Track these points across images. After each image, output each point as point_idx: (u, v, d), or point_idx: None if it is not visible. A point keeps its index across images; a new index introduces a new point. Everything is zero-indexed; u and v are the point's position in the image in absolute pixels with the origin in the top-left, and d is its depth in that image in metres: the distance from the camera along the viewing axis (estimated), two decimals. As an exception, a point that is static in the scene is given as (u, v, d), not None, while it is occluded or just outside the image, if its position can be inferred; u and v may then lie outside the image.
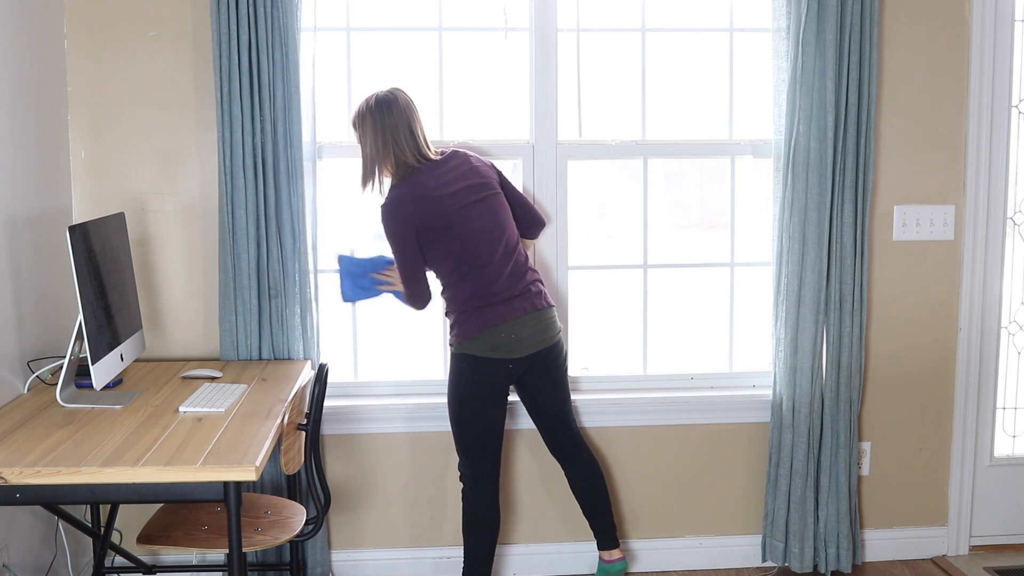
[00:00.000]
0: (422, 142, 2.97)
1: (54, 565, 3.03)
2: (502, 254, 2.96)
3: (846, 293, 3.33)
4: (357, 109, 3.00)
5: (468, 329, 2.94)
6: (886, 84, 3.39)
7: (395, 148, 2.93)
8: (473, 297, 2.94)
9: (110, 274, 2.76)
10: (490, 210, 2.97)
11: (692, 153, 3.54)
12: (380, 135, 2.93)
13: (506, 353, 2.94)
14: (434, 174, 2.94)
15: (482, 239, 2.94)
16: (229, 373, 3.04)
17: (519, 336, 2.94)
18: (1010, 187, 3.52)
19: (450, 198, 2.92)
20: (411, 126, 2.95)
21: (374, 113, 2.94)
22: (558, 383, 3.10)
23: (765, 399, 3.48)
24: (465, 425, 3.03)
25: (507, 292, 2.94)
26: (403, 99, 2.97)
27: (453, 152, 3.03)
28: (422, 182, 2.93)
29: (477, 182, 2.97)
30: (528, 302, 2.96)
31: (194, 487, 2.23)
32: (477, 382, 2.98)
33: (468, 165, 3.00)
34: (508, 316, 2.92)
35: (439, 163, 2.97)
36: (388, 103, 2.94)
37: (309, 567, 3.30)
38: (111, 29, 3.17)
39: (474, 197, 2.95)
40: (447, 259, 2.94)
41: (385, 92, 2.98)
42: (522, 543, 3.49)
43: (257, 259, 3.16)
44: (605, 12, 3.43)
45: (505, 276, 2.95)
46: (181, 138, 3.23)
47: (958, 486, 3.60)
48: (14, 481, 2.17)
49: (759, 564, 3.57)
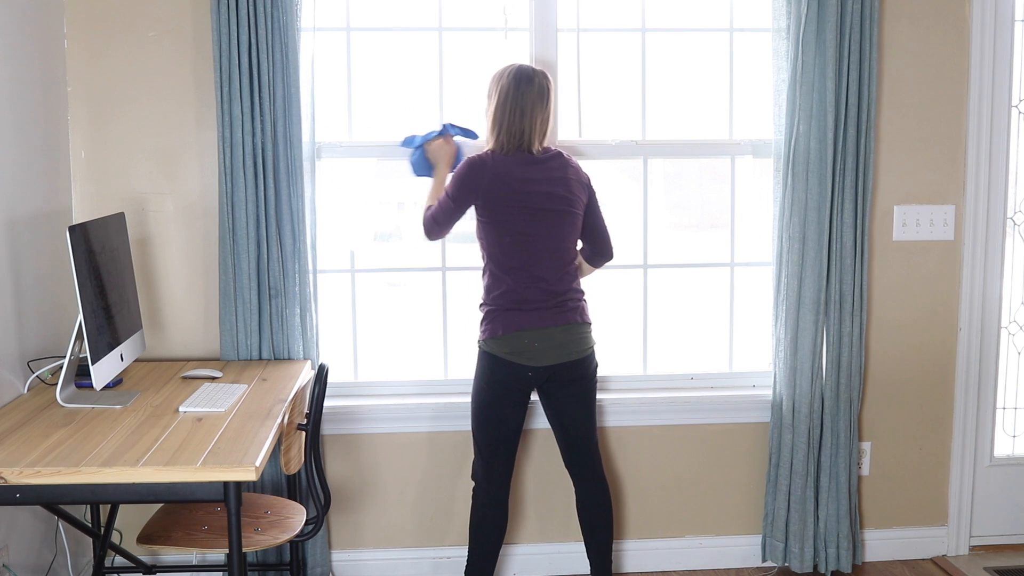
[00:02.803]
0: (536, 133, 2.93)
1: (54, 565, 3.03)
2: (550, 266, 2.94)
3: (846, 293, 3.33)
4: (498, 71, 2.96)
5: (495, 329, 2.93)
6: (886, 84, 3.39)
7: (508, 123, 2.91)
8: (507, 296, 2.93)
9: (110, 274, 2.76)
10: (557, 223, 2.94)
11: (692, 153, 3.54)
12: (503, 106, 2.91)
13: (526, 360, 2.92)
14: (528, 167, 2.92)
15: (535, 245, 2.92)
16: (229, 373, 3.04)
17: (542, 346, 2.92)
18: (1010, 187, 3.52)
19: (526, 195, 2.90)
20: (534, 112, 2.91)
21: (509, 82, 2.91)
22: (582, 399, 3.05)
23: (765, 399, 3.48)
24: (481, 423, 3.02)
25: (541, 302, 2.92)
26: (540, 84, 2.93)
27: (557, 153, 3.00)
28: (510, 167, 2.91)
29: (561, 193, 2.94)
30: (560, 315, 2.94)
31: (194, 487, 2.23)
32: (496, 382, 2.98)
33: (562, 174, 2.96)
34: (536, 324, 2.91)
35: (537, 159, 2.94)
36: (528, 80, 2.91)
37: (309, 567, 3.30)
38: (111, 29, 3.17)
39: (548, 206, 2.92)
40: (497, 245, 2.93)
41: (531, 69, 2.95)
42: (522, 543, 3.49)
43: (257, 259, 3.16)
44: (605, 12, 3.43)
45: (544, 287, 2.93)
46: (181, 138, 3.23)
47: (958, 486, 3.60)
48: (14, 481, 2.17)
49: (759, 564, 3.57)
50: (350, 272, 3.46)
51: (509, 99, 2.90)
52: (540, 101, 2.92)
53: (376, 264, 3.61)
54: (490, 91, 2.97)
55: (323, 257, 3.35)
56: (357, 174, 3.51)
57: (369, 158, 3.43)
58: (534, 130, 2.93)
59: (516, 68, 2.94)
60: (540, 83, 2.93)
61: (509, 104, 2.90)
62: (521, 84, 2.90)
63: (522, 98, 2.90)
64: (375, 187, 3.59)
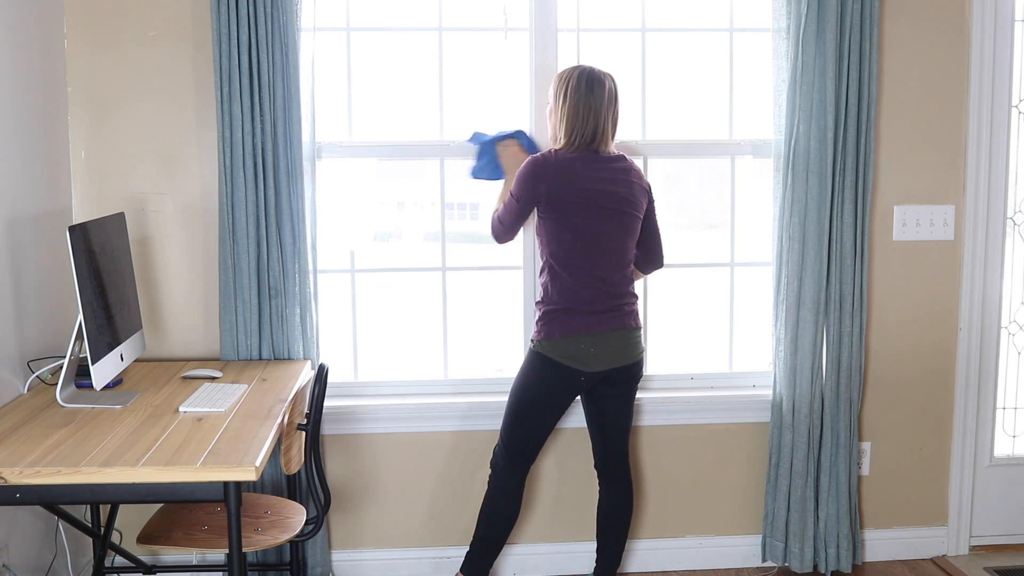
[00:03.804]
0: (606, 134, 2.95)
1: (54, 565, 3.03)
2: (608, 266, 2.94)
3: (846, 293, 3.33)
4: (566, 72, 2.97)
5: (551, 330, 2.93)
6: (886, 84, 3.39)
7: (583, 124, 2.92)
8: (564, 296, 2.92)
9: (110, 274, 2.76)
10: (618, 224, 2.95)
11: (692, 153, 3.54)
12: (575, 107, 2.92)
13: (581, 364, 2.92)
14: (592, 165, 2.92)
15: (596, 243, 2.92)
16: (229, 373, 3.04)
17: (599, 351, 2.92)
18: (1010, 187, 3.52)
19: (590, 192, 2.90)
20: (602, 114, 2.93)
21: (579, 84, 2.92)
22: (626, 400, 3.08)
23: (765, 399, 3.48)
24: (520, 420, 3.02)
25: (597, 304, 2.92)
26: (610, 88, 2.96)
27: (621, 156, 3.01)
28: (576, 165, 2.91)
29: (624, 194, 2.95)
30: (617, 320, 2.95)
31: (194, 487, 2.23)
32: (546, 384, 2.98)
33: (626, 176, 2.97)
34: (594, 329, 2.91)
35: (601, 158, 2.95)
36: (600, 83, 2.93)
37: (309, 567, 3.31)
38: (111, 29, 3.17)
39: (611, 205, 2.92)
40: (557, 242, 2.93)
41: (597, 70, 2.96)
42: (522, 543, 3.49)
43: (257, 259, 3.16)
44: (605, 12, 3.43)
45: (602, 288, 2.93)
46: (181, 138, 3.23)
47: (958, 486, 3.60)
48: (14, 481, 2.17)
49: (759, 564, 3.57)
50: (350, 272, 3.46)
51: (582, 101, 2.91)
52: (612, 103, 2.96)
53: (376, 264, 3.61)
54: (558, 92, 2.98)
55: (323, 257, 3.35)
56: (357, 174, 3.51)
57: (369, 158, 3.43)
58: (606, 131, 2.95)
59: (586, 71, 2.95)
60: (610, 86, 2.97)
61: (582, 105, 2.91)
62: (594, 87, 2.93)
63: (596, 100, 2.92)
64: (375, 187, 3.59)
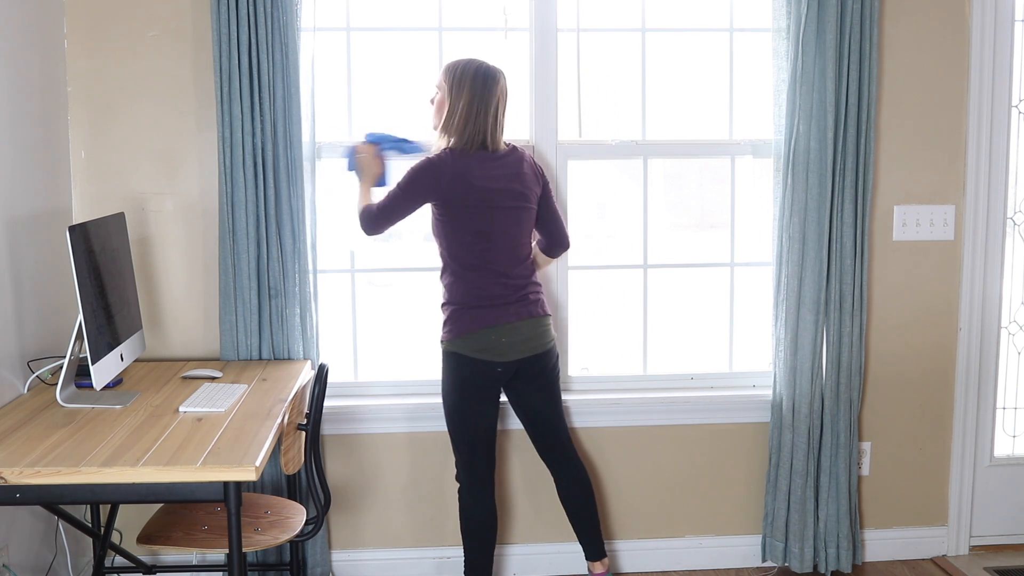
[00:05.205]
0: (499, 132, 2.96)
1: (54, 565, 3.03)
2: (510, 262, 2.97)
3: (846, 293, 3.33)
4: (460, 66, 2.94)
5: (460, 328, 2.94)
6: (886, 84, 3.39)
7: (475, 122, 2.91)
8: (471, 295, 2.94)
9: (110, 274, 2.76)
10: (515, 219, 2.97)
11: (692, 153, 3.54)
12: (470, 104, 2.90)
13: (495, 356, 2.94)
14: (486, 165, 2.92)
15: (496, 243, 2.94)
16: (229, 373, 3.04)
17: (510, 340, 2.94)
18: (1010, 187, 3.52)
19: (486, 192, 2.90)
20: (498, 112, 2.94)
21: (475, 81, 2.91)
22: (548, 389, 3.09)
23: (765, 399, 3.47)
24: (457, 424, 3.03)
25: (504, 298, 2.95)
26: (503, 84, 2.96)
27: (512, 148, 3.02)
28: (471, 167, 2.90)
29: (518, 190, 2.96)
30: (524, 309, 2.97)
31: (194, 487, 2.23)
32: (466, 381, 2.98)
33: (518, 168, 2.98)
34: (502, 320, 2.93)
35: (495, 156, 2.95)
36: (494, 79, 2.93)
37: (309, 567, 3.31)
38: (111, 29, 3.17)
39: (507, 203, 2.94)
40: (458, 244, 2.94)
41: (491, 67, 2.95)
42: (522, 543, 3.49)
43: (257, 259, 3.16)
44: (605, 12, 3.43)
45: (507, 282, 2.95)
46: (181, 138, 3.23)
47: (958, 486, 3.60)
48: (14, 481, 2.17)
49: (759, 564, 3.57)
50: (350, 272, 3.46)
51: (477, 99, 2.90)
52: (503, 100, 2.96)
53: (376, 264, 3.61)
54: (450, 87, 2.93)
55: (323, 257, 3.35)
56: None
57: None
58: (497, 129, 2.95)
59: (482, 67, 2.94)
60: (500, 81, 2.95)
61: (476, 103, 2.90)
62: (488, 83, 2.91)
63: (489, 97, 2.91)
64: (375, 187, 3.58)
